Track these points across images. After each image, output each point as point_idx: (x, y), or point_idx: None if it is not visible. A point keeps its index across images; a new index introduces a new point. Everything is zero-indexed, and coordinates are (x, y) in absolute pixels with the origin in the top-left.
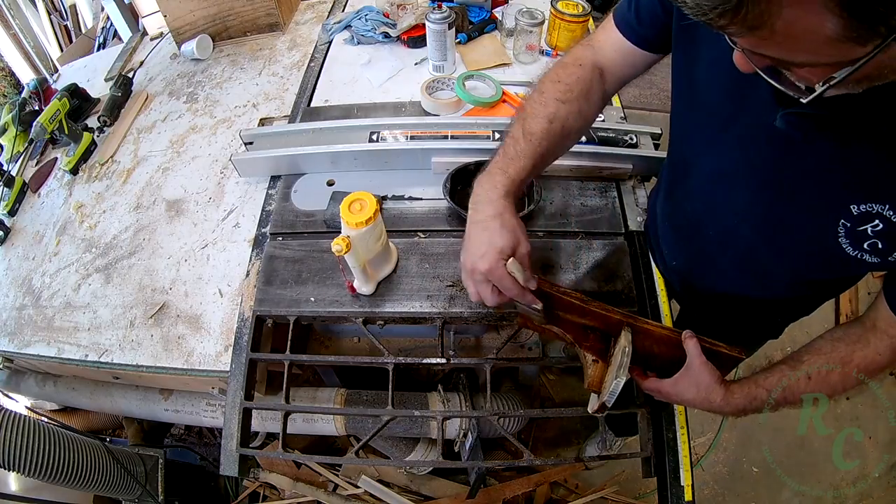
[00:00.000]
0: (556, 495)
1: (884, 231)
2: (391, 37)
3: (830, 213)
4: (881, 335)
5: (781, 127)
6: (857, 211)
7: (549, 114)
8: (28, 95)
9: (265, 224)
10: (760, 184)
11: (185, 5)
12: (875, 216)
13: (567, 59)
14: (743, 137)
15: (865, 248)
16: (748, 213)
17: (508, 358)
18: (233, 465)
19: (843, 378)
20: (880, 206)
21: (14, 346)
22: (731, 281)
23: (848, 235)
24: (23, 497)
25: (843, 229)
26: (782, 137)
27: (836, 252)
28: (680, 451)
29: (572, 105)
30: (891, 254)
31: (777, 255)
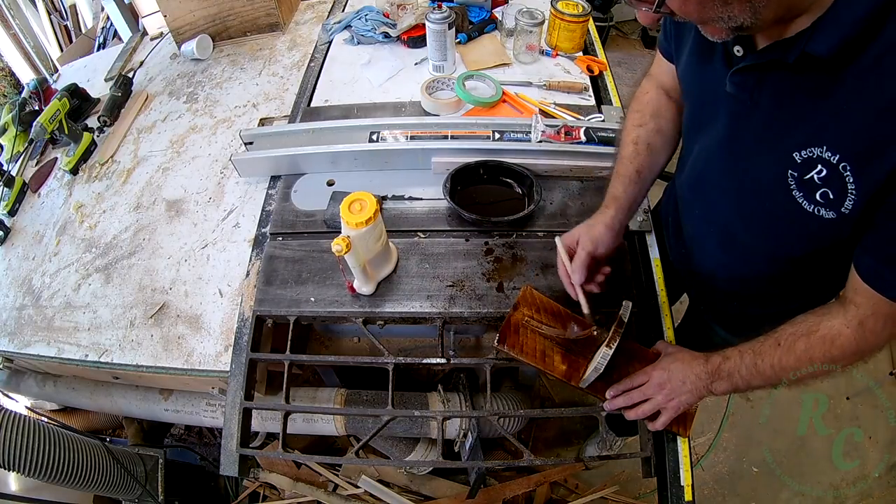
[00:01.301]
0: (556, 495)
1: (828, 177)
2: (391, 37)
3: (780, 167)
4: (848, 305)
5: (732, 91)
6: (800, 158)
7: (633, 138)
8: (28, 95)
9: (265, 224)
10: (726, 153)
11: (185, 5)
12: (817, 160)
13: (637, 93)
14: (713, 117)
15: (819, 201)
16: (720, 184)
17: (508, 358)
18: (233, 465)
19: (807, 347)
20: (819, 150)
21: (14, 346)
22: (718, 261)
23: (799, 187)
24: (23, 497)
25: (793, 180)
26: (735, 102)
27: (795, 209)
28: (680, 451)
29: (648, 126)
30: (843, 204)
31: (749, 226)
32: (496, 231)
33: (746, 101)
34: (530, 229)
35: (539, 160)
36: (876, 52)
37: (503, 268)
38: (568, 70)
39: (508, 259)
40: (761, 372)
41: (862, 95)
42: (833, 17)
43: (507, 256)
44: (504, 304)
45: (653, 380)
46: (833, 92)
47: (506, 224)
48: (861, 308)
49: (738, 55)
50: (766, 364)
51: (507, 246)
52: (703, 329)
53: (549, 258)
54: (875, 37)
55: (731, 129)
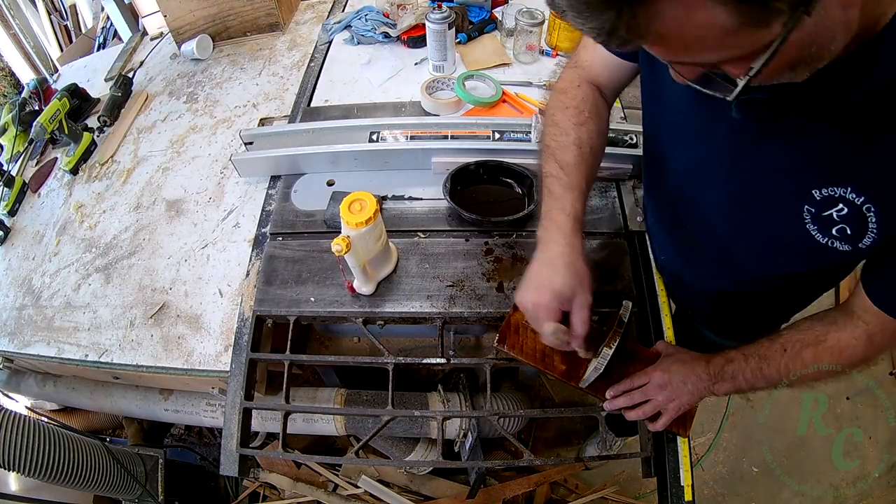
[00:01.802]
0: (556, 495)
1: (849, 215)
2: (391, 37)
3: (795, 200)
4: (856, 321)
5: (738, 117)
6: (819, 196)
7: (574, 140)
8: (28, 95)
9: (265, 224)
10: (726, 175)
11: (185, 5)
12: (839, 200)
13: (561, 84)
14: (707, 131)
15: (835, 235)
16: (719, 205)
17: (508, 358)
18: (233, 465)
19: (815, 356)
20: (842, 190)
21: (14, 346)
22: (712, 276)
23: (815, 221)
24: (23, 497)
25: (808, 215)
26: (740, 127)
27: (806, 240)
28: (680, 451)
29: (590, 125)
30: (860, 240)
31: (750, 247)
32: (496, 231)
33: (755, 130)
34: (530, 229)
35: (539, 160)
36: None
37: (503, 268)
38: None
39: (508, 259)
40: (766, 376)
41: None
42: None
43: (507, 256)
44: (504, 304)
45: (654, 381)
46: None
47: (506, 224)
48: (870, 325)
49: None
50: (772, 369)
51: (507, 246)
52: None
53: None
54: None
55: (734, 152)
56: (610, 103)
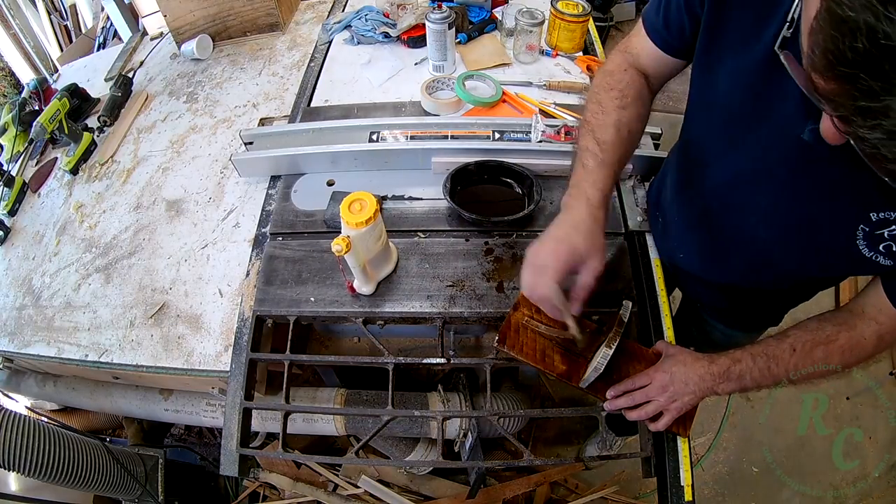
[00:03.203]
0: (556, 495)
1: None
2: (391, 37)
3: (850, 220)
4: (868, 321)
5: (809, 140)
6: (875, 218)
7: (615, 121)
8: (28, 95)
9: (265, 224)
10: (780, 190)
11: (185, 5)
12: (892, 222)
13: (609, 66)
14: (765, 144)
15: (881, 251)
16: (765, 216)
17: (508, 358)
18: (233, 465)
19: (826, 356)
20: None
21: (14, 346)
22: (740, 275)
23: (866, 238)
24: (23, 497)
25: (861, 233)
26: (807, 149)
27: (853, 254)
28: (680, 451)
29: (631, 110)
30: None
31: (791, 255)
32: (496, 231)
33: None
34: (530, 229)
35: (539, 160)
36: None
37: (503, 268)
38: (568, 70)
39: (508, 259)
40: (774, 375)
41: None
42: None
43: (507, 256)
44: (504, 304)
45: (655, 382)
46: None
47: (506, 224)
48: (883, 326)
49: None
50: (781, 369)
51: (507, 246)
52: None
53: None
54: None
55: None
56: (654, 92)
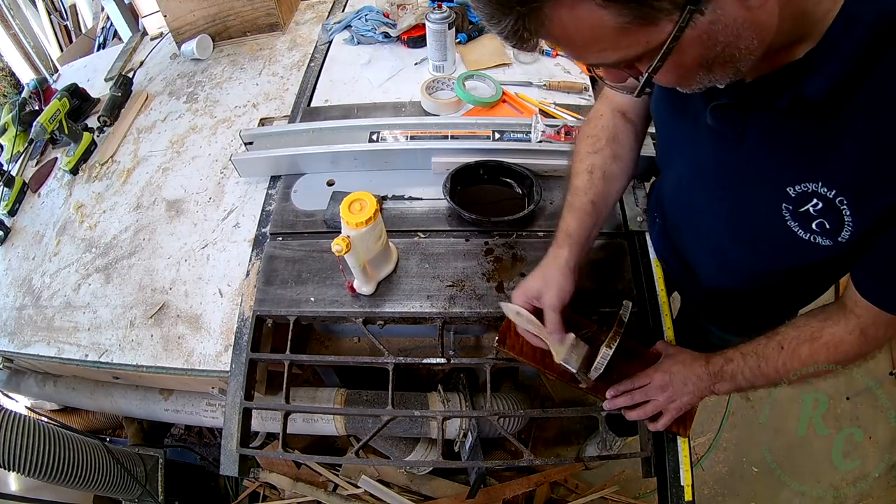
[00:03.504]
0: (556, 495)
1: (824, 209)
2: (391, 37)
3: (773, 199)
4: (849, 315)
5: (712, 124)
6: (794, 193)
7: (587, 167)
8: (28, 95)
9: (265, 224)
10: (710, 181)
11: (185, 5)
12: (812, 195)
13: (589, 115)
14: (693, 140)
15: (815, 230)
16: (709, 209)
17: (508, 358)
18: (233, 465)
19: (811, 353)
20: (814, 185)
21: (14, 346)
22: (711, 276)
23: (794, 218)
24: (23, 497)
25: (787, 213)
26: (717, 134)
27: (790, 237)
28: (680, 451)
29: (604, 152)
30: (839, 233)
31: (741, 248)
32: (496, 231)
33: (730, 134)
34: (530, 229)
35: (539, 160)
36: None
37: (503, 268)
38: (568, 70)
39: (508, 259)
40: (765, 374)
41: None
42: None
43: (507, 256)
44: None
45: (654, 382)
46: (827, 129)
47: (506, 224)
48: (862, 318)
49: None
50: (770, 367)
51: (507, 246)
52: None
53: None
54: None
55: (715, 159)
56: (640, 128)
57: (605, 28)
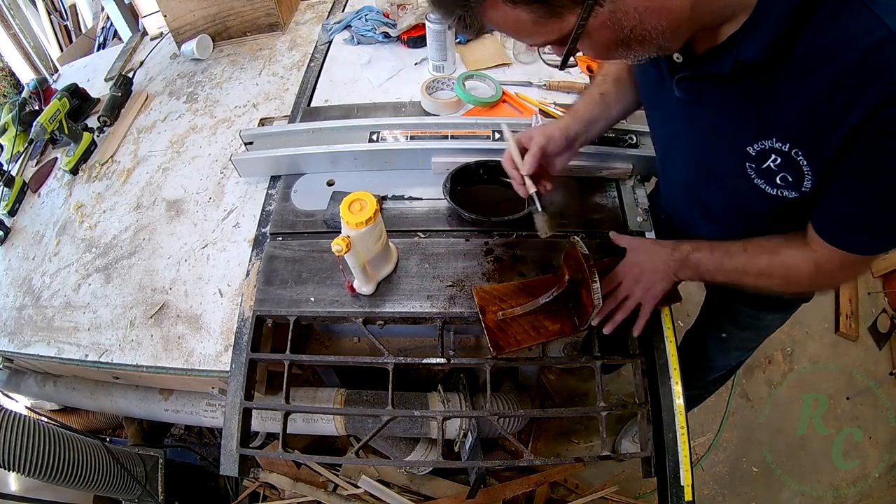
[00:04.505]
0: (556, 495)
1: (783, 163)
2: (391, 37)
3: (737, 160)
4: (807, 247)
5: (679, 95)
6: (753, 151)
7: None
8: (28, 95)
9: (265, 224)
10: (685, 148)
11: (185, 5)
12: (770, 151)
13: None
14: (664, 113)
15: (779, 184)
16: (687, 176)
17: (508, 358)
18: (233, 465)
19: (768, 264)
20: (769, 142)
21: (14, 346)
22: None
23: (759, 175)
24: (23, 497)
25: (752, 171)
26: (684, 104)
27: (760, 194)
28: (680, 451)
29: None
30: (802, 184)
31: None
32: (496, 231)
33: (695, 102)
34: (530, 229)
35: None
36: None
37: (503, 268)
38: (568, 70)
39: (508, 259)
40: (725, 269)
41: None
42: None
43: (507, 256)
44: None
45: (627, 277)
46: (770, 89)
47: (506, 224)
48: (818, 253)
49: (678, 62)
50: (731, 264)
51: (507, 246)
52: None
53: (549, 258)
54: (797, 37)
55: (686, 126)
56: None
57: (524, 21)
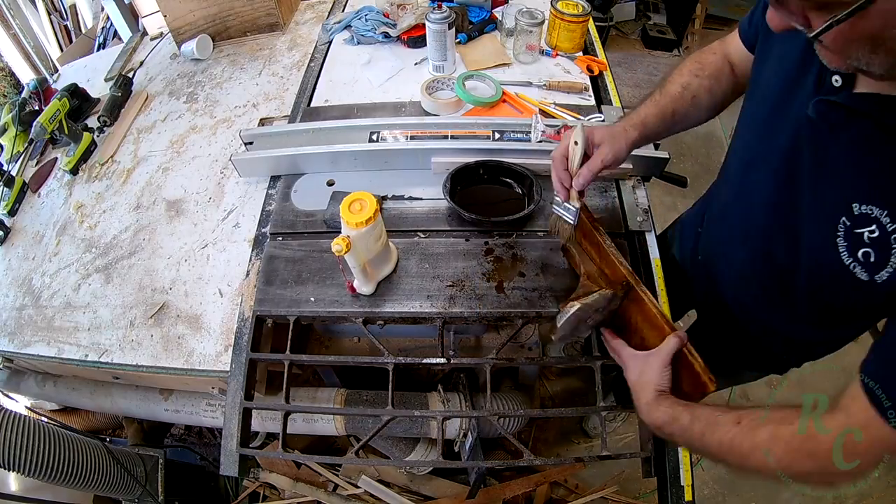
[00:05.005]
0: (556, 495)
1: (878, 239)
2: (391, 37)
3: (835, 210)
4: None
5: (812, 116)
6: (857, 211)
7: (684, 83)
8: (28, 95)
9: (265, 224)
10: (780, 170)
11: (185, 5)
12: (873, 220)
13: (704, 49)
14: (776, 127)
15: (859, 258)
16: (763, 202)
17: (508, 358)
18: (233, 465)
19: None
20: (879, 210)
21: (14, 346)
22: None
23: (846, 237)
24: (23, 497)
25: (843, 227)
26: (811, 127)
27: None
28: (680, 450)
29: (703, 81)
30: (879, 271)
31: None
32: (496, 231)
33: (824, 132)
34: (530, 229)
35: (539, 160)
36: None
37: (503, 268)
38: (568, 70)
39: (508, 259)
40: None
41: None
42: None
43: (507, 256)
44: (504, 304)
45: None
46: None
47: (506, 224)
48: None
49: (836, 85)
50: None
51: (507, 246)
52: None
53: (549, 258)
54: None
55: (794, 151)
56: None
57: None
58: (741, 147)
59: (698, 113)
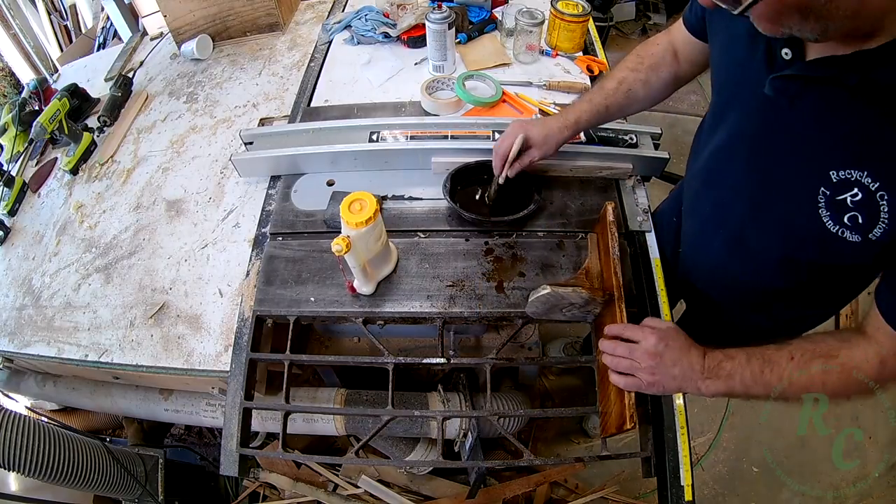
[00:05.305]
0: (556, 495)
1: (863, 201)
2: (391, 37)
3: (812, 181)
4: (870, 340)
5: (769, 94)
6: (836, 178)
7: (620, 77)
8: (28, 95)
9: (265, 224)
10: (750, 154)
11: (185, 5)
12: (854, 184)
13: (648, 41)
14: (740, 111)
15: (846, 223)
16: (739, 185)
17: (508, 358)
18: (233, 465)
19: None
20: (859, 173)
21: (14, 346)
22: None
23: (828, 206)
24: (23, 497)
25: (823, 198)
26: (771, 105)
27: (818, 228)
28: (680, 451)
29: (640, 74)
30: (871, 230)
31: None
32: (496, 231)
33: (784, 107)
34: (530, 229)
35: (538, 160)
36: None
37: (503, 268)
38: (568, 70)
39: (508, 259)
40: (766, 382)
41: None
42: None
43: (507, 256)
44: (504, 304)
45: (645, 344)
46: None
47: (506, 224)
48: (883, 347)
49: (786, 58)
50: (775, 375)
51: (507, 246)
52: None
53: (549, 258)
54: None
55: (761, 130)
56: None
57: None
58: (707, 139)
59: (633, 106)
